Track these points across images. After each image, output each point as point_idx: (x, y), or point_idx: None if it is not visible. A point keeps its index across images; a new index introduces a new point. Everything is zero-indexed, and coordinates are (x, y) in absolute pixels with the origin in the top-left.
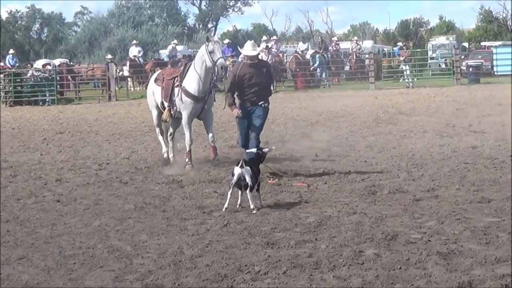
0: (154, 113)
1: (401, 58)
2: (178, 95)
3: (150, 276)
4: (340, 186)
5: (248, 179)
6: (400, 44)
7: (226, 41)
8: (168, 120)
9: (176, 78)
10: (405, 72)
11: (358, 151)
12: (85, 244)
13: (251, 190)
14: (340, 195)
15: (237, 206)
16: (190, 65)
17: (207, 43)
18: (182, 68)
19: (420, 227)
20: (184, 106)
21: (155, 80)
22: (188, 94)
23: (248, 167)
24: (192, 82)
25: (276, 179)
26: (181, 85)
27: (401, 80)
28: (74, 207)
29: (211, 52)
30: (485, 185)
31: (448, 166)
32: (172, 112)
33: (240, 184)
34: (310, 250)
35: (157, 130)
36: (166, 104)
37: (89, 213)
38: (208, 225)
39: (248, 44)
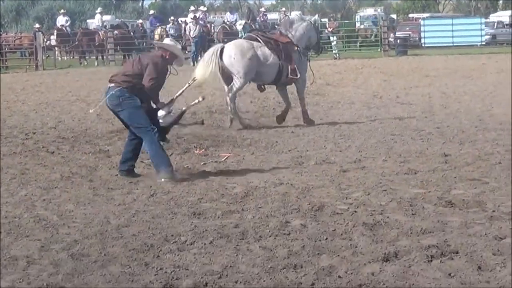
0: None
1: (329, 29)
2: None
3: (76, 245)
4: (267, 156)
5: None
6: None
7: (151, 12)
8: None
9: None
10: (332, 44)
11: (285, 121)
12: (11, 213)
13: None
14: (266, 166)
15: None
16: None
17: (312, 23)
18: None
19: (347, 198)
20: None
21: (266, 43)
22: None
23: None
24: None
25: (203, 149)
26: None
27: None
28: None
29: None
30: (411, 157)
31: (375, 137)
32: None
33: None
34: (236, 220)
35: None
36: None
37: (15, 183)
38: (135, 195)
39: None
